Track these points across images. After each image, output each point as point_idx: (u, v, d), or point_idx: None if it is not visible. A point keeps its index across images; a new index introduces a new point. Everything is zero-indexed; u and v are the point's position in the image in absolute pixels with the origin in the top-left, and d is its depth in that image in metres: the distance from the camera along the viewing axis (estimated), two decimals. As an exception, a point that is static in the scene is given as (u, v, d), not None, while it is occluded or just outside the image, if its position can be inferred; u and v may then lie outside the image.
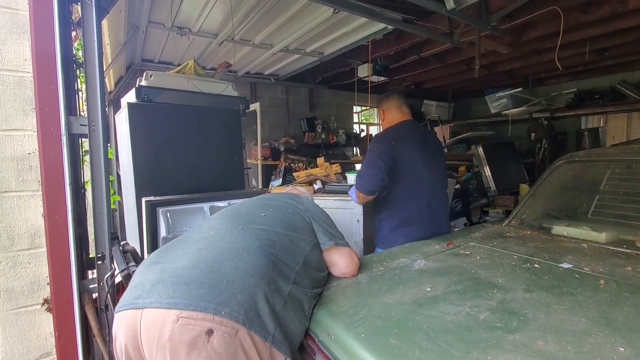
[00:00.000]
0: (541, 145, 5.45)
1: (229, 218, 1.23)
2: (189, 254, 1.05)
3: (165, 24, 2.98)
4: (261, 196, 1.51)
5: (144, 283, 0.97)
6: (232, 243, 1.08)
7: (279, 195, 1.52)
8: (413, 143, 2.02)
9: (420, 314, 1.06)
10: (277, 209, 1.30)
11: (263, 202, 1.36)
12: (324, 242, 1.32)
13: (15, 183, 1.38)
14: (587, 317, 0.99)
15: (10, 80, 1.37)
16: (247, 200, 1.44)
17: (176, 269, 0.98)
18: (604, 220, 1.73)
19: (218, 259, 1.01)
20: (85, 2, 1.42)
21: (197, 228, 1.24)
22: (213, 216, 1.33)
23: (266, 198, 1.44)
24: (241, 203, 1.42)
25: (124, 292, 1.03)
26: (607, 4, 2.86)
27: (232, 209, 1.33)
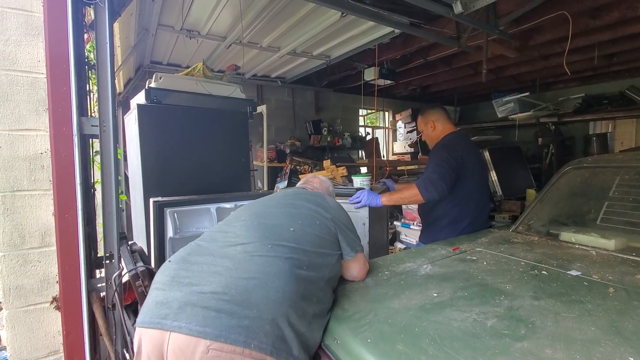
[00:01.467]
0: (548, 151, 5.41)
1: (257, 230, 1.17)
2: (218, 274, 1.02)
3: (174, 26, 3.02)
4: (286, 197, 1.41)
5: (170, 302, 0.96)
6: (262, 266, 1.04)
7: (304, 195, 1.43)
8: (471, 152, 2.22)
9: (426, 320, 1.06)
10: (305, 222, 1.25)
11: (290, 212, 1.29)
12: (347, 253, 1.32)
13: (27, 182, 1.40)
14: (596, 326, 0.98)
15: (24, 81, 1.40)
16: (272, 203, 1.36)
17: (205, 293, 0.96)
18: (613, 227, 1.72)
19: (249, 285, 0.99)
20: (98, 5, 1.44)
21: (222, 234, 1.19)
22: (236, 219, 1.27)
23: (291, 204, 1.35)
24: (266, 205, 1.34)
25: (146, 302, 1.02)
26: (616, 10, 2.84)
27: (257, 215, 1.26)
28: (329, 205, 1.39)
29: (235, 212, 1.37)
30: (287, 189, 1.57)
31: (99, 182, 1.52)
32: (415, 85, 5.76)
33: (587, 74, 4.87)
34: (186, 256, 1.12)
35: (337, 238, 1.30)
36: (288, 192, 1.52)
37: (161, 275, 1.08)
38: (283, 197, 1.44)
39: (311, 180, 1.75)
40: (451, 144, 2.15)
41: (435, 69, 4.65)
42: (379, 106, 6.61)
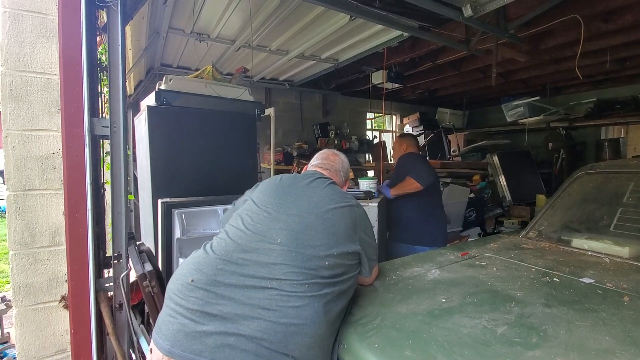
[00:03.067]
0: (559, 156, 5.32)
1: (294, 260, 1.05)
2: (256, 318, 0.95)
3: (185, 30, 3.05)
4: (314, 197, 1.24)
5: (204, 339, 0.92)
6: (300, 310, 0.98)
7: (331, 197, 1.25)
8: None
9: (435, 326, 1.04)
10: (339, 247, 1.13)
11: (326, 229, 1.15)
12: (364, 274, 1.28)
13: (39, 181, 1.42)
14: (610, 335, 0.95)
15: (38, 82, 1.42)
16: (305, 204, 1.21)
17: (244, 336, 0.93)
18: (628, 234, 1.67)
19: (287, 332, 0.95)
20: (111, 8, 1.46)
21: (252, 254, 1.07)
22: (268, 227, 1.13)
23: (321, 214, 1.18)
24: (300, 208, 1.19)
25: (164, 319, 0.99)
26: (629, 13, 2.79)
27: (293, 232, 1.11)
28: (358, 220, 1.26)
29: (254, 214, 1.19)
30: (311, 176, 1.34)
31: (108, 182, 1.53)
32: (423, 89, 5.74)
33: (598, 78, 4.79)
34: (213, 277, 1.01)
35: (359, 256, 1.23)
36: (313, 185, 1.30)
37: (182, 295, 1.00)
38: (311, 193, 1.26)
39: (332, 158, 1.53)
40: (413, 155, 2.78)
41: (443, 72, 4.62)
42: (387, 110, 6.59)
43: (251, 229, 1.14)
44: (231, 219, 1.23)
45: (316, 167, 1.49)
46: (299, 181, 1.31)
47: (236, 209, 1.31)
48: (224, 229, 1.20)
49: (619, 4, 2.70)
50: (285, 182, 1.31)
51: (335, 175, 1.47)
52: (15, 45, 1.41)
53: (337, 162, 1.52)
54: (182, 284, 1.02)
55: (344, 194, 1.34)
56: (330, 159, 1.52)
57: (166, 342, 0.95)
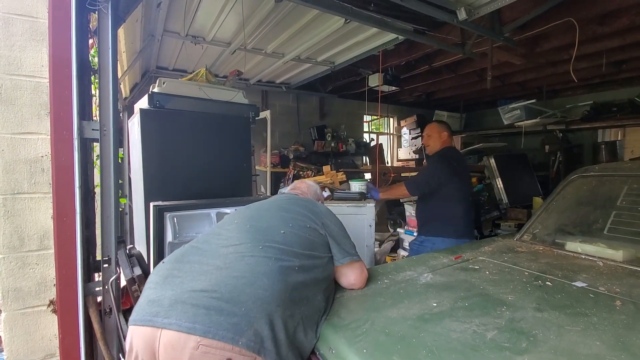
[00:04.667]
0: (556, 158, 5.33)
1: (248, 232, 1.20)
2: (208, 273, 1.05)
3: (180, 32, 3.05)
4: (278, 202, 1.46)
5: (162, 300, 0.98)
6: (252, 265, 1.07)
7: (295, 200, 1.48)
8: (462, 162, 2.76)
9: (424, 330, 1.03)
10: (295, 225, 1.27)
11: (281, 215, 1.32)
12: (338, 259, 1.31)
13: (27, 185, 1.41)
14: (601, 340, 0.94)
15: (27, 85, 1.41)
16: (265, 207, 1.41)
17: (196, 291, 0.99)
18: (621, 237, 1.67)
19: (238, 283, 1.01)
20: (102, 11, 1.46)
21: (215, 236, 1.22)
22: (230, 222, 1.30)
23: (283, 207, 1.39)
24: (258, 209, 1.39)
25: (139, 301, 1.03)
26: (625, 16, 2.80)
27: (250, 218, 1.30)
28: (320, 210, 1.42)
29: (229, 216, 1.40)
30: (279, 195, 1.61)
31: (98, 185, 1.52)
32: (420, 91, 5.74)
33: (595, 81, 4.81)
34: (180, 257, 1.14)
35: (328, 242, 1.31)
36: (280, 197, 1.55)
37: (154, 275, 1.10)
38: (275, 201, 1.47)
39: (299, 185, 1.80)
40: (447, 157, 2.54)
41: (440, 75, 4.63)
42: (384, 112, 6.59)
43: (218, 226, 1.30)
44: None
45: (287, 192, 1.73)
46: (271, 201, 1.49)
47: None
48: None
49: (614, 7, 2.71)
50: (262, 204, 1.47)
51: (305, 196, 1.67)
52: (5, 49, 1.40)
53: (303, 186, 1.78)
54: (155, 270, 1.12)
55: (313, 204, 1.46)
56: (297, 187, 1.78)
57: (133, 315, 1.00)
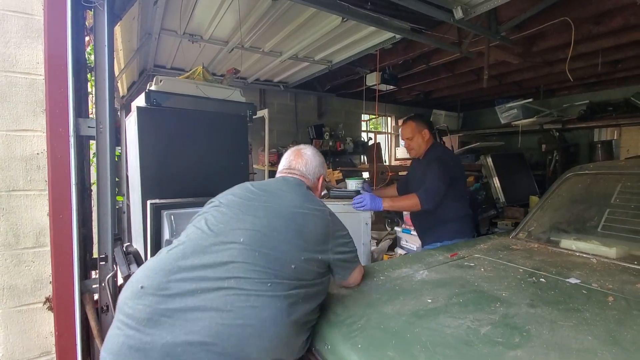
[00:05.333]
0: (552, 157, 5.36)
1: (256, 262, 0.98)
2: (207, 318, 0.88)
3: (177, 31, 3.05)
4: (289, 208, 1.16)
5: (149, 351, 0.85)
6: (258, 310, 0.91)
7: (307, 211, 1.17)
8: (457, 160, 2.53)
9: (419, 326, 1.04)
10: (308, 258, 1.07)
11: (294, 240, 1.08)
12: (341, 277, 1.24)
13: (23, 182, 1.41)
14: (593, 335, 0.95)
15: (22, 82, 1.41)
16: (274, 212, 1.13)
17: (192, 344, 0.85)
18: (615, 235, 1.68)
19: (242, 334, 0.88)
20: (97, 8, 1.46)
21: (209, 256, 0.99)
22: (227, 232, 1.05)
23: (298, 223, 1.12)
24: (266, 215, 1.11)
25: (113, 335, 0.91)
26: (619, 16, 2.82)
27: (256, 239, 1.04)
28: (331, 231, 1.18)
29: (220, 215, 1.12)
30: (280, 183, 1.30)
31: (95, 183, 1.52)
32: (418, 90, 5.76)
33: (591, 80, 4.84)
34: (165, 282, 0.93)
35: (331, 265, 1.18)
36: (289, 194, 1.22)
37: (131, 303, 0.91)
38: (285, 206, 1.16)
39: (295, 162, 1.41)
40: (445, 158, 2.32)
41: (437, 74, 4.65)
42: (382, 111, 6.60)
43: (213, 229, 1.06)
44: (194, 220, 1.16)
45: (283, 173, 1.41)
46: (269, 186, 1.27)
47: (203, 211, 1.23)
48: (185, 231, 1.13)
49: (609, 7, 2.73)
50: (255, 186, 1.25)
51: (304, 178, 1.39)
52: (0, 46, 1.40)
53: (303, 163, 1.41)
54: (132, 291, 0.94)
55: (315, 199, 1.27)
56: (296, 161, 1.41)
57: (110, 356, 0.87)
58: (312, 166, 1.42)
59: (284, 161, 1.45)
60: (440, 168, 2.20)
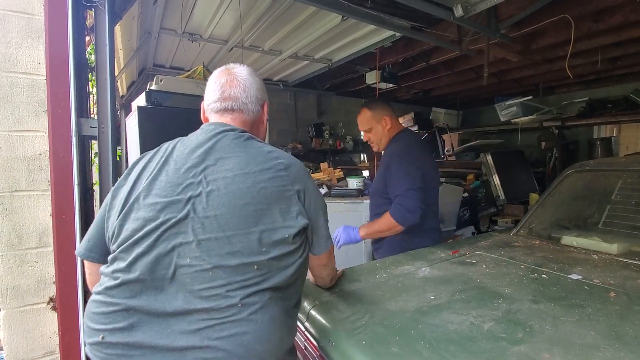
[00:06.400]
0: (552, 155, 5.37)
1: (200, 265, 0.81)
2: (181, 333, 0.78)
3: (177, 30, 3.04)
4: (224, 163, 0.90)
5: None
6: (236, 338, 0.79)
7: (251, 164, 0.91)
8: (429, 157, 2.02)
9: (422, 323, 1.05)
10: (267, 217, 0.87)
11: (243, 207, 0.86)
12: (319, 248, 1.03)
13: (25, 183, 1.41)
14: (595, 330, 0.96)
15: (24, 82, 1.41)
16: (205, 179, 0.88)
17: None
18: (616, 231, 1.69)
19: None
20: (98, 8, 1.46)
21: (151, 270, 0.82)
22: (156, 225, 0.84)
23: (239, 182, 0.87)
24: (196, 187, 0.87)
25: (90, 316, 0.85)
26: (619, 13, 2.82)
27: (191, 221, 0.84)
28: (299, 188, 0.94)
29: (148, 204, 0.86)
30: (212, 138, 0.96)
31: (97, 183, 1.52)
32: (417, 89, 5.76)
33: (590, 77, 4.84)
34: (128, 334, 0.79)
35: (303, 227, 0.92)
36: (228, 161, 0.91)
37: (96, 351, 0.81)
38: (227, 176, 0.88)
39: (230, 84, 1.04)
40: (409, 148, 1.86)
41: (437, 72, 4.64)
42: (381, 110, 6.59)
43: (143, 250, 0.83)
44: (109, 226, 0.91)
45: (216, 112, 1.06)
46: (195, 151, 0.93)
47: (107, 207, 0.94)
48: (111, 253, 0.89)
49: (609, 4, 2.73)
50: (176, 157, 0.93)
51: (244, 116, 1.05)
52: (1, 46, 1.39)
53: (240, 88, 1.04)
54: (94, 342, 0.82)
55: (265, 152, 0.95)
56: (230, 92, 1.03)
57: None
58: (252, 90, 1.06)
59: (213, 89, 1.06)
60: (404, 164, 1.77)
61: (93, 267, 0.99)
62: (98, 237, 0.96)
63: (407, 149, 1.86)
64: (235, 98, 1.04)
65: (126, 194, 0.91)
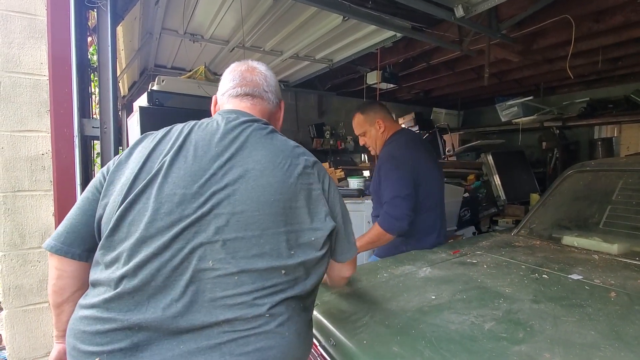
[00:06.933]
0: (553, 155, 5.37)
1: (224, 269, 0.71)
2: None
3: (178, 30, 3.05)
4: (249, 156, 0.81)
5: None
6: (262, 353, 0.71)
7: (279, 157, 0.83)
8: (424, 153, 1.89)
9: (423, 322, 1.05)
10: (296, 216, 0.80)
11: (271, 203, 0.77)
12: (344, 254, 0.93)
13: (28, 182, 1.41)
14: (596, 330, 0.96)
15: (26, 83, 1.42)
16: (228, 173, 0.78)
17: None
18: (616, 231, 1.69)
19: None
20: (100, 8, 1.46)
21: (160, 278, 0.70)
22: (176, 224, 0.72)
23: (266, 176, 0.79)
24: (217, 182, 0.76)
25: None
26: (619, 13, 2.82)
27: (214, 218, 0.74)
28: (326, 186, 0.88)
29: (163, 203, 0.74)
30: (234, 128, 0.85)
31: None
32: (418, 89, 5.76)
33: (591, 77, 4.84)
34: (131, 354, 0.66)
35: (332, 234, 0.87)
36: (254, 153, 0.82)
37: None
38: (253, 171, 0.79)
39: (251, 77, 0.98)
40: (400, 150, 1.79)
41: (438, 72, 4.65)
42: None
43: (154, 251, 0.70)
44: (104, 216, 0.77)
45: (236, 98, 0.96)
46: (220, 138, 0.82)
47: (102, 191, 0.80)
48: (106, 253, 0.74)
49: (610, 4, 2.73)
50: (196, 143, 0.82)
51: (265, 104, 0.99)
52: (4, 46, 1.40)
53: (262, 77, 1.00)
54: None
55: (292, 147, 0.90)
56: (252, 77, 0.98)
57: None
58: (273, 82, 1.02)
59: (231, 77, 0.99)
60: (392, 169, 1.71)
61: (68, 267, 0.81)
62: (81, 228, 0.79)
63: (397, 151, 1.79)
64: (256, 84, 0.98)
65: (131, 180, 0.76)
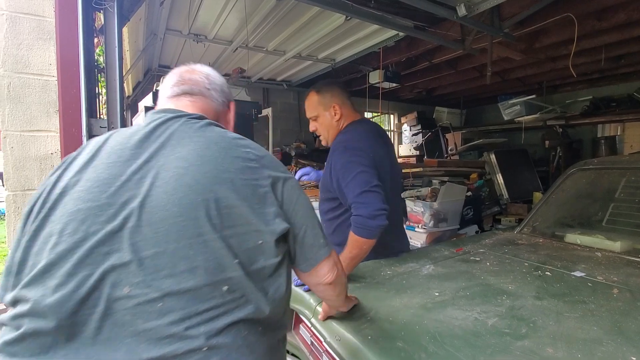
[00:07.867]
0: (556, 153, 5.36)
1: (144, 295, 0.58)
2: None
3: (182, 31, 3.07)
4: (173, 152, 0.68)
5: None
6: None
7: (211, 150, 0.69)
8: (385, 150, 1.57)
9: (427, 318, 1.06)
10: (237, 216, 0.65)
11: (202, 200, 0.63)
12: (307, 265, 0.77)
13: (37, 182, 1.44)
14: (598, 326, 0.98)
15: (36, 83, 1.44)
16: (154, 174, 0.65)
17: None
18: (619, 229, 1.70)
19: None
20: (107, 10, 1.49)
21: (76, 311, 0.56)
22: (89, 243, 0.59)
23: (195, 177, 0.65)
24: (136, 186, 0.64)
25: None
26: (622, 11, 2.82)
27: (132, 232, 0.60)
28: (273, 183, 0.72)
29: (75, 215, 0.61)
30: (163, 125, 0.73)
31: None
32: (420, 88, 5.76)
33: (594, 76, 4.82)
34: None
35: (288, 237, 0.74)
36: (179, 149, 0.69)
37: None
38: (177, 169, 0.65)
39: (189, 71, 0.88)
40: (357, 141, 1.47)
41: (440, 71, 4.65)
42: (384, 109, 6.61)
43: (58, 282, 0.58)
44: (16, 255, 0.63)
45: (172, 98, 0.84)
46: (136, 140, 0.70)
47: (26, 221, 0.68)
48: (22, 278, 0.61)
49: (612, 2, 2.73)
50: (110, 149, 0.70)
51: (207, 101, 0.86)
52: (13, 47, 1.43)
53: (202, 76, 0.88)
54: None
55: (230, 138, 0.75)
56: (190, 76, 0.86)
57: None
58: (217, 80, 0.91)
59: (168, 79, 0.88)
60: (351, 163, 1.38)
61: None
62: None
63: (355, 142, 1.46)
64: (196, 82, 0.86)
65: (39, 208, 0.65)
